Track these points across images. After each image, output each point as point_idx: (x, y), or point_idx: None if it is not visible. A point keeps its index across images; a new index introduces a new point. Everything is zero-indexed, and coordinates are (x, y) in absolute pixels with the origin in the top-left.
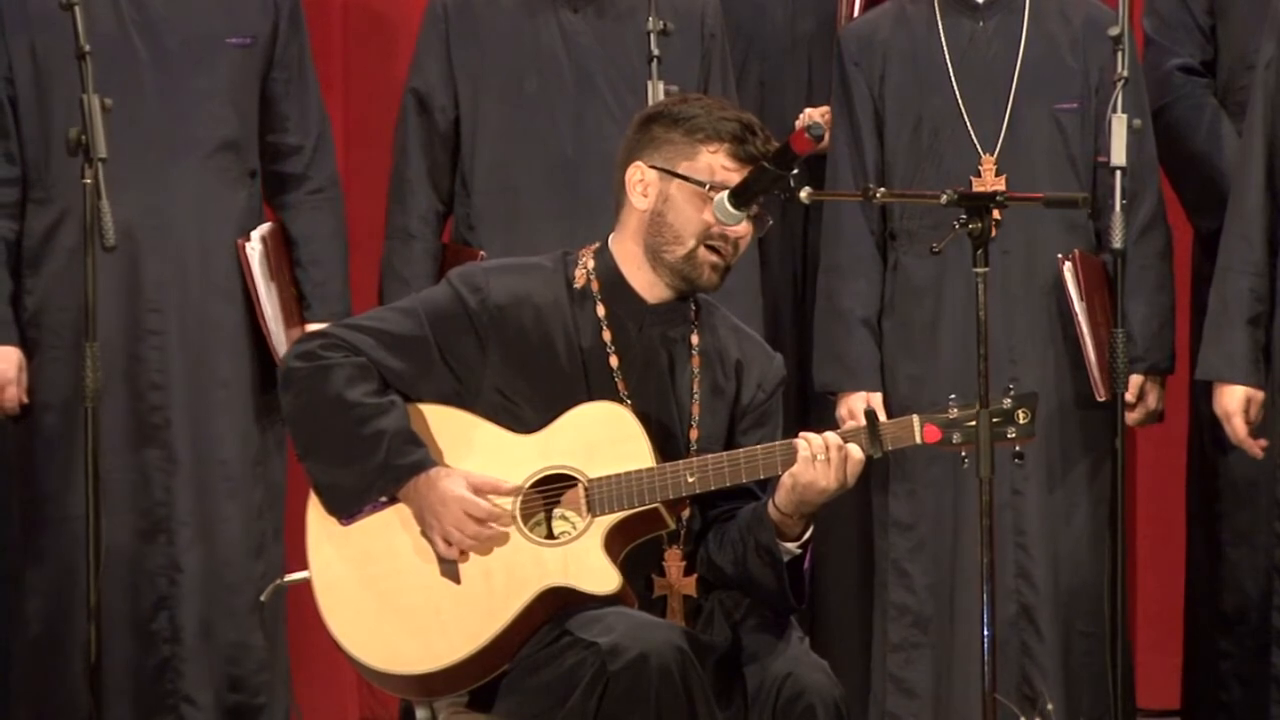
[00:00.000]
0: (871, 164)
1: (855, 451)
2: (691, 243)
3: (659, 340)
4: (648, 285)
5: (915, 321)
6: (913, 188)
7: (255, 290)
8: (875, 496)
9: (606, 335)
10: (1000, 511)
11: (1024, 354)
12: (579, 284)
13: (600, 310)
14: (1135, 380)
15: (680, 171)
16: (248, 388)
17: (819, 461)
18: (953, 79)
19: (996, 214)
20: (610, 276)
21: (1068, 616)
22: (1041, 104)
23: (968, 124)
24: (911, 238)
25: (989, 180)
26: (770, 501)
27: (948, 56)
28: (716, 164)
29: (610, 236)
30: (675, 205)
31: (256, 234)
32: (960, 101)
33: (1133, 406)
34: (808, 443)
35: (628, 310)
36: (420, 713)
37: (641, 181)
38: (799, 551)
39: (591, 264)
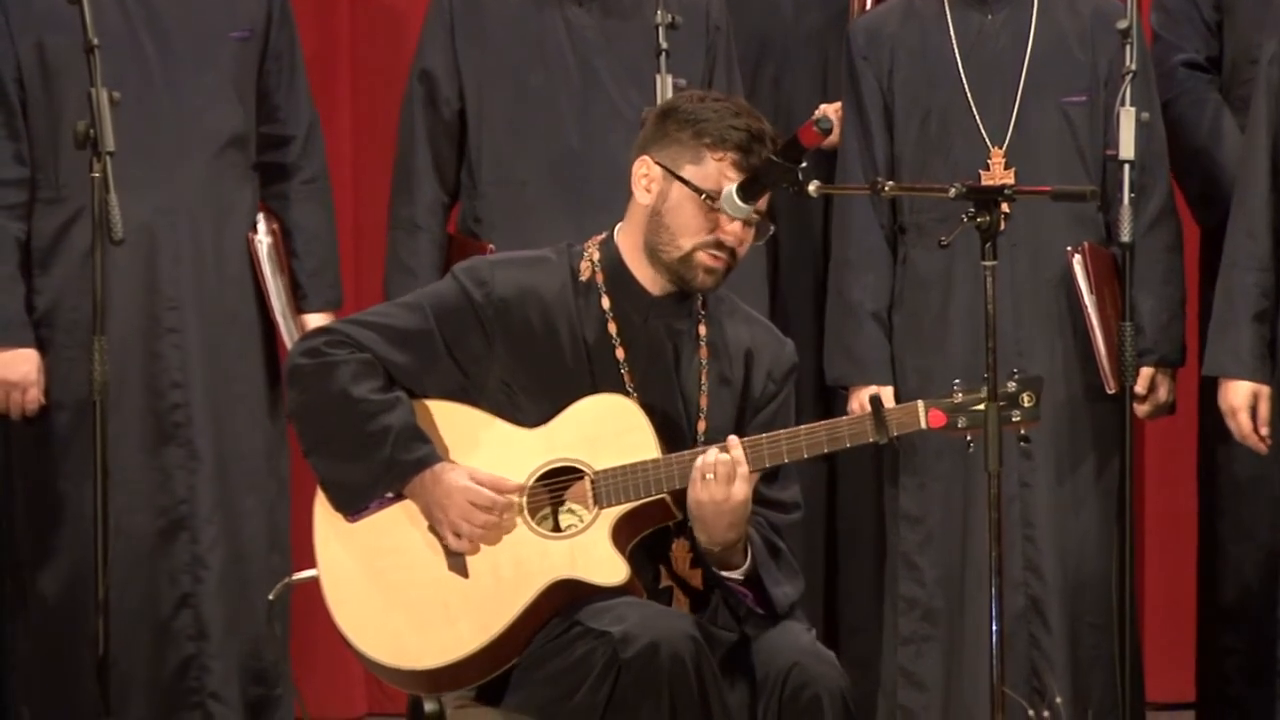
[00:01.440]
0: (881, 157)
1: (737, 451)
2: (688, 246)
3: (664, 331)
4: (650, 277)
5: (924, 314)
6: (921, 181)
7: (265, 283)
8: (886, 490)
9: (612, 327)
10: (1008, 504)
11: (1032, 346)
12: (584, 276)
13: (605, 302)
14: (1145, 373)
15: (683, 175)
16: (262, 381)
17: (705, 479)
18: (961, 72)
19: (1005, 207)
20: (615, 268)
21: (1076, 609)
22: (1050, 97)
23: (976, 117)
24: (920, 231)
25: (998, 173)
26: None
27: (956, 50)
28: (720, 172)
29: (617, 227)
30: (675, 207)
31: (264, 226)
32: (969, 95)
33: (1143, 399)
34: (700, 461)
35: (632, 302)
36: (428, 705)
37: (646, 176)
38: (739, 577)
39: (596, 256)
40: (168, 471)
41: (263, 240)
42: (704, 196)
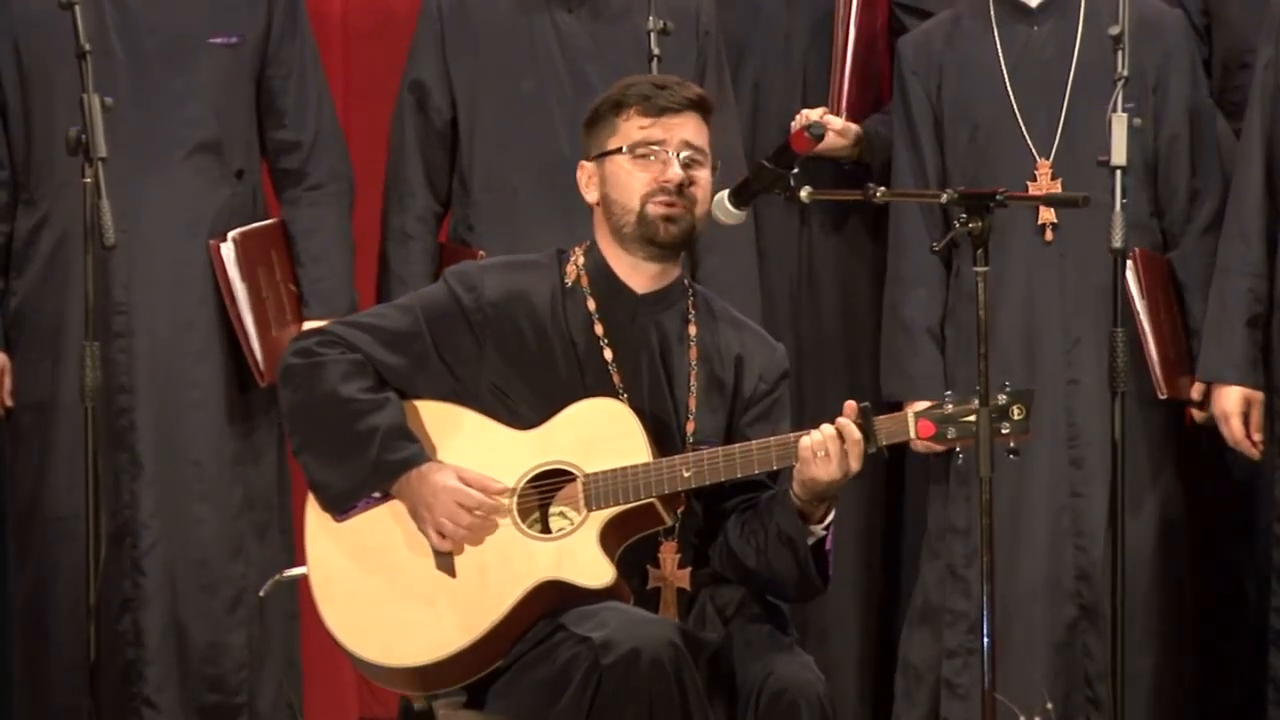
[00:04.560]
0: (932, 170)
1: (852, 433)
2: (636, 205)
3: (653, 330)
4: (632, 273)
5: (974, 326)
6: None
7: (230, 291)
8: (933, 502)
9: (599, 329)
10: (1059, 514)
11: (1082, 355)
12: (570, 280)
13: (591, 304)
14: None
15: (606, 149)
16: (222, 388)
17: (820, 458)
18: (1007, 84)
19: (1053, 216)
20: (599, 271)
21: (1132, 616)
22: (1097, 106)
23: (1022, 129)
24: (969, 243)
25: (1044, 184)
26: (790, 488)
27: (1002, 62)
28: (632, 127)
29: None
30: (612, 181)
31: (232, 234)
32: (1015, 106)
33: (1200, 405)
34: (810, 441)
35: (619, 302)
36: (418, 706)
37: (588, 178)
38: (823, 533)
39: (582, 260)
40: (114, 476)
41: (228, 249)
42: (622, 150)
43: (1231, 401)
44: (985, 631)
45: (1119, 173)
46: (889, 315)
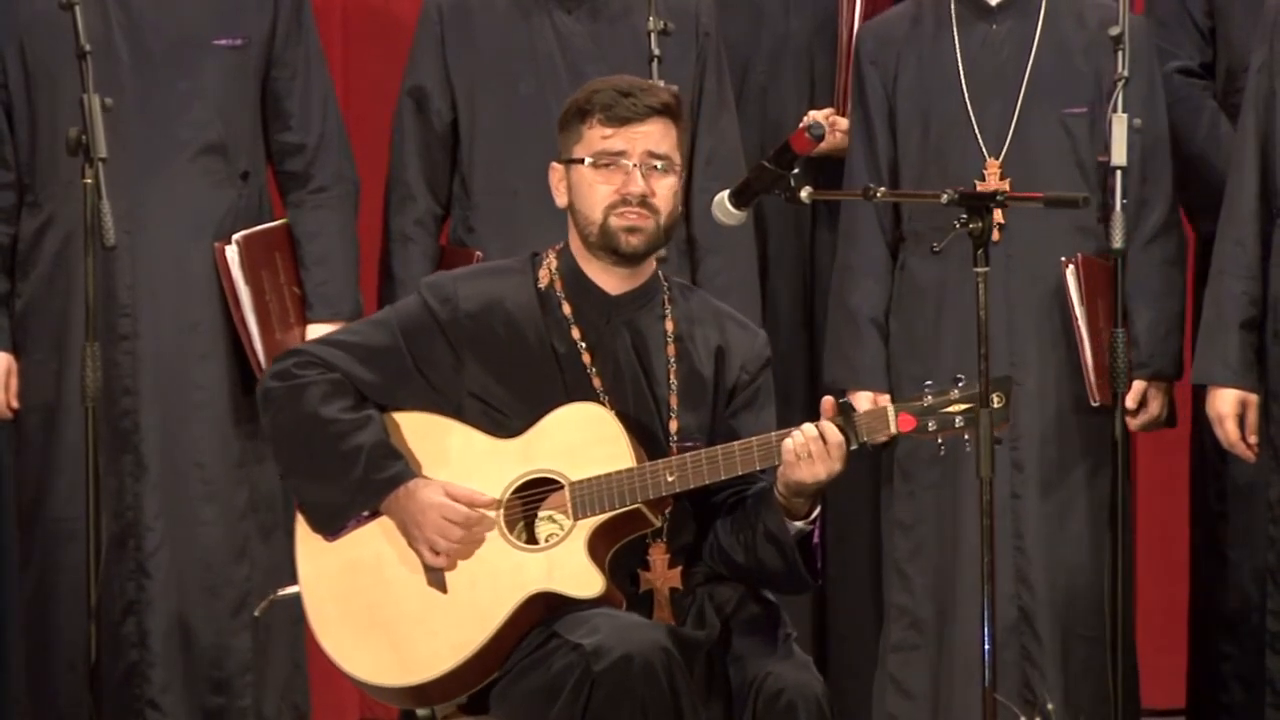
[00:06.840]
0: (885, 163)
1: (834, 435)
2: (599, 217)
3: (629, 331)
4: (603, 276)
5: (919, 322)
6: (920, 189)
7: (234, 293)
8: (882, 496)
9: (575, 333)
10: (999, 516)
11: (1025, 357)
12: (543, 284)
13: (566, 309)
14: (1138, 386)
15: (572, 156)
16: (227, 391)
17: (803, 460)
18: (962, 82)
19: (1000, 217)
20: (572, 274)
21: (1067, 620)
22: (1051, 108)
23: (975, 127)
24: (918, 239)
25: (993, 184)
26: (774, 484)
27: (959, 59)
28: (595, 136)
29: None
30: (577, 190)
31: (236, 237)
32: (968, 104)
33: (1134, 413)
34: (792, 443)
35: (593, 305)
36: (421, 712)
37: (559, 180)
38: (808, 528)
39: (555, 264)
40: (119, 478)
41: (232, 251)
42: (585, 162)
43: (1226, 404)
44: (986, 635)
45: (1119, 173)
46: (835, 303)
